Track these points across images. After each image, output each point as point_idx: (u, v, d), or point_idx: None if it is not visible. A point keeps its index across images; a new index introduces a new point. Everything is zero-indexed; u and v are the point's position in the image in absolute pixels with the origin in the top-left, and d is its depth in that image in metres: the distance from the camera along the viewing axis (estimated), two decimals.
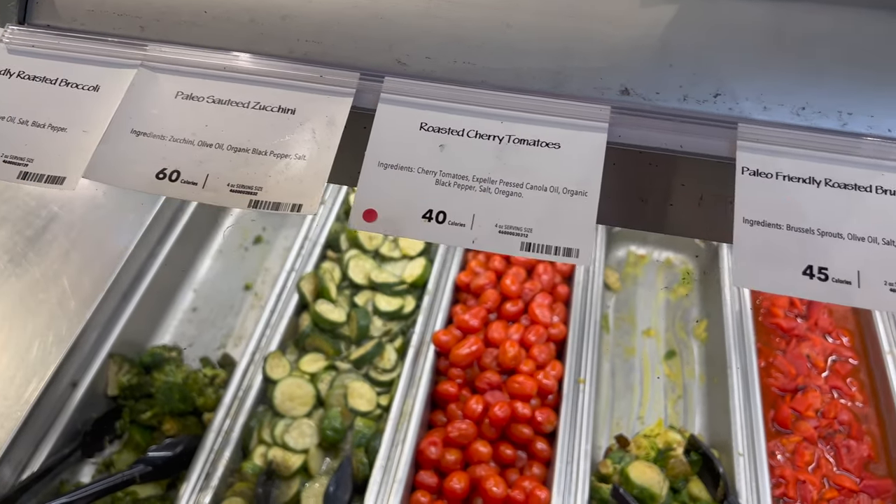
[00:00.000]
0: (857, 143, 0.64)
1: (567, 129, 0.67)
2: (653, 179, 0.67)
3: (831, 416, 1.59)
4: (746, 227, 0.62)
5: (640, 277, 1.97)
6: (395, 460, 1.44)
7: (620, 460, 1.50)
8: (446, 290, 1.74)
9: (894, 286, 0.59)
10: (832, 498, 1.47)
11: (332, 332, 1.68)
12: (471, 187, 0.65)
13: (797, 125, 0.65)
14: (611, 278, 1.94)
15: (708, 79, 0.67)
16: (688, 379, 1.74)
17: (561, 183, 0.64)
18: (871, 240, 0.61)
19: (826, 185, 0.63)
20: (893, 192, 0.63)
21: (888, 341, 1.67)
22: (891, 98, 0.65)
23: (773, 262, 0.60)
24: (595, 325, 1.69)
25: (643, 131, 0.66)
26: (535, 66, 0.68)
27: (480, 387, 1.57)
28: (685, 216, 0.67)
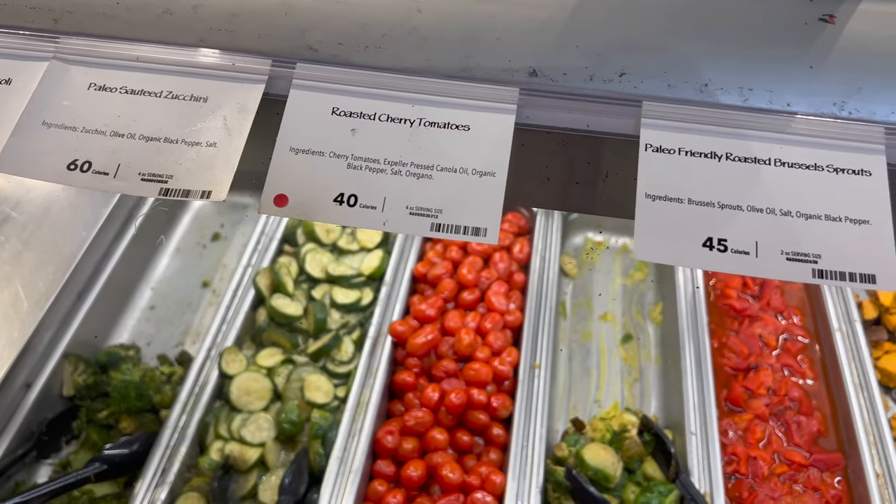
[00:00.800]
0: (758, 117, 0.66)
1: (477, 111, 0.68)
2: (560, 159, 0.68)
3: (782, 393, 1.62)
4: (648, 202, 0.63)
5: (597, 264, 1.99)
6: (352, 450, 1.45)
7: (576, 443, 1.52)
8: (403, 281, 1.75)
9: (790, 255, 0.61)
10: (782, 473, 1.50)
11: (289, 325, 1.68)
12: (382, 170, 0.65)
13: (700, 101, 0.66)
14: (568, 265, 1.96)
15: (613, 59, 0.68)
16: (644, 362, 1.77)
17: (470, 164, 0.65)
18: (770, 211, 0.63)
19: (727, 160, 0.65)
20: (792, 165, 0.64)
21: (837, 319, 1.71)
22: (789, 73, 0.67)
23: (674, 235, 0.62)
24: (551, 312, 1.71)
25: (551, 112, 0.67)
26: (445, 49, 0.69)
27: (437, 375, 1.58)
28: (591, 194, 0.69)
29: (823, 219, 0.62)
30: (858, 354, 1.64)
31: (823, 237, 0.61)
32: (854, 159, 0.64)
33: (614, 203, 0.67)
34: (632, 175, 0.64)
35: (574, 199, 0.69)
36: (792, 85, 0.66)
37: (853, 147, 0.65)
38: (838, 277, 0.60)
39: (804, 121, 0.65)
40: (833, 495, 1.47)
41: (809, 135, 0.65)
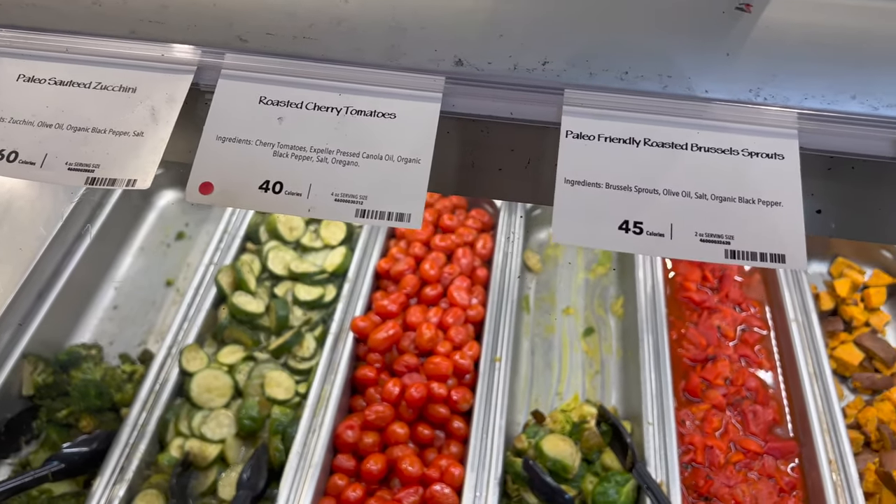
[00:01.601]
0: (676, 104, 0.67)
1: (403, 99, 0.69)
2: (484, 146, 0.69)
3: (739, 383, 1.64)
4: (567, 186, 0.65)
5: (560, 259, 2.01)
6: (312, 445, 1.45)
7: (535, 434, 1.53)
8: (366, 278, 1.76)
9: (704, 236, 0.63)
10: (738, 461, 1.52)
11: (251, 323, 1.68)
12: (308, 158, 0.66)
13: (621, 89, 0.68)
14: (532, 260, 1.97)
15: (536, 48, 0.69)
16: (605, 354, 1.79)
17: (396, 151, 0.66)
18: (685, 194, 0.64)
19: (645, 145, 0.66)
20: (708, 149, 0.66)
21: (793, 310, 1.74)
22: (707, 61, 0.69)
23: (591, 219, 0.63)
24: (512, 306, 1.72)
25: (476, 100, 0.69)
26: (371, 39, 0.70)
27: (398, 370, 1.59)
28: (513, 181, 0.70)
29: (737, 201, 0.64)
30: (814, 344, 1.67)
31: (737, 219, 0.63)
32: (768, 144, 0.66)
33: (537, 189, 0.69)
34: (554, 161, 0.65)
35: (497, 186, 0.70)
36: (709, 72, 0.68)
37: (768, 132, 0.67)
38: (750, 258, 0.62)
39: (721, 107, 0.67)
40: (787, 482, 1.49)
41: (726, 120, 0.67)
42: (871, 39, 0.69)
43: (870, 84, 0.67)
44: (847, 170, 0.67)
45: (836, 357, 1.76)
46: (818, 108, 0.66)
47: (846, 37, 0.69)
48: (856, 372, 1.75)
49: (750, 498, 1.46)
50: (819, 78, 0.67)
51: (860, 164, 0.67)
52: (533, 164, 0.69)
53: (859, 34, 0.69)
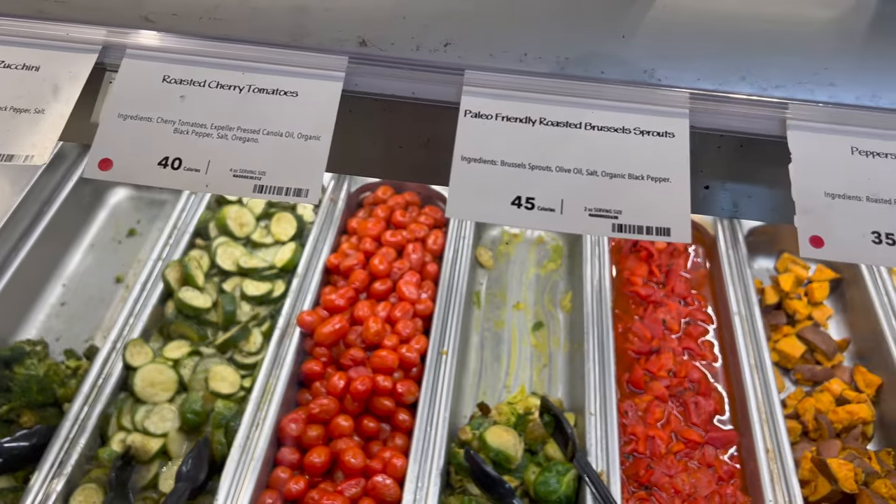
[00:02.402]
0: (573, 84, 0.69)
1: (305, 78, 0.70)
2: (386, 125, 0.70)
3: (682, 375, 1.67)
4: (464, 164, 0.66)
5: (512, 255, 2.03)
6: (255, 439, 1.45)
7: (479, 426, 1.54)
8: (316, 273, 1.76)
9: (593, 211, 0.64)
10: (679, 451, 1.55)
11: (198, 318, 1.68)
12: (208, 135, 0.67)
13: (519, 70, 0.70)
14: (484, 256, 1.99)
15: (439, 30, 0.71)
16: (553, 348, 1.80)
17: (296, 129, 0.68)
18: (577, 171, 0.66)
19: (541, 124, 0.68)
20: (601, 128, 0.68)
21: (736, 303, 1.77)
22: (604, 42, 0.70)
23: (485, 195, 0.65)
24: (461, 300, 1.73)
25: (378, 80, 0.70)
26: (277, 19, 0.71)
27: (345, 363, 1.59)
28: (413, 159, 0.71)
29: (627, 178, 0.66)
30: (755, 337, 1.70)
31: (625, 195, 0.65)
32: (660, 122, 0.68)
33: (435, 168, 0.70)
34: (452, 141, 0.67)
35: (396, 165, 0.72)
36: (605, 53, 0.70)
37: (660, 111, 0.69)
38: (636, 231, 0.64)
39: (615, 87, 0.69)
40: (726, 471, 1.52)
41: (620, 100, 0.69)
42: (761, 22, 0.72)
43: (759, 66, 0.69)
44: (736, 148, 0.69)
45: (779, 349, 1.79)
46: (709, 88, 0.68)
47: (738, 20, 0.72)
48: (797, 364, 1.79)
49: (689, 486, 1.48)
50: (711, 59, 0.70)
51: (748, 142, 0.69)
52: (432, 143, 0.70)
53: (751, 17, 0.72)
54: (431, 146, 0.70)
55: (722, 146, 0.69)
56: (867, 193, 0.65)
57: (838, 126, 0.67)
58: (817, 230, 0.63)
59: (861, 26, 0.71)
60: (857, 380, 1.75)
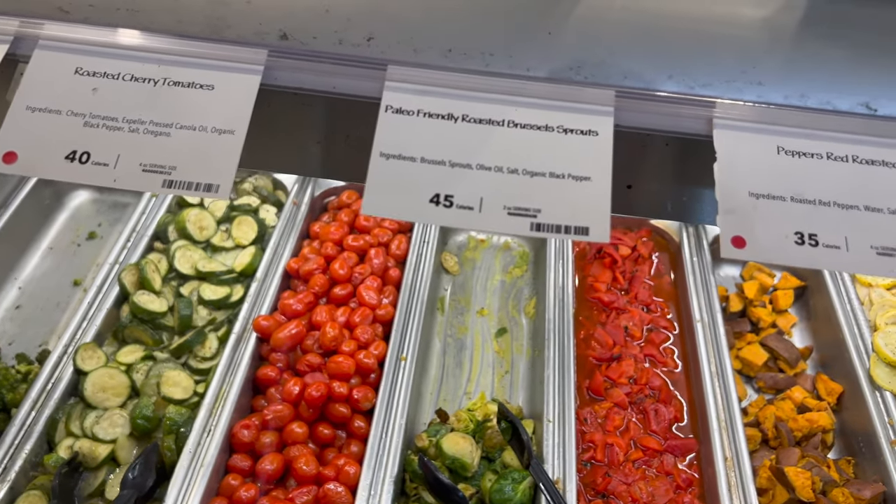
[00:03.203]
0: (498, 81, 0.68)
1: (223, 71, 0.68)
2: (305, 120, 0.69)
3: (643, 382, 1.66)
4: (382, 160, 0.64)
5: (478, 261, 2.01)
6: (205, 445, 1.42)
7: (436, 433, 1.52)
8: (275, 277, 1.74)
9: (512, 210, 0.63)
10: (637, 458, 1.53)
11: (153, 322, 1.65)
12: (119, 128, 0.65)
13: (444, 66, 0.68)
14: (449, 262, 1.97)
15: (363, 24, 0.69)
16: (516, 354, 1.79)
17: (211, 123, 0.66)
18: (497, 169, 0.65)
19: (463, 121, 0.67)
20: (524, 126, 0.66)
21: (699, 310, 1.76)
22: (530, 39, 0.69)
23: (403, 192, 0.63)
24: (422, 306, 1.71)
25: (299, 74, 0.68)
26: (198, 11, 0.70)
27: (301, 369, 1.57)
28: (331, 155, 0.70)
29: (548, 176, 0.64)
30: (717, 344, 1.69)
31: (546, 193, 0.63)
32: (584, 120, 0.67)
33: (353, 165, 0.68)
34: (373, 136, 0.65)
35: (314, 161, 0.70)
36: (532, 50, 0.69)
37: (585, 109, 0.67)
38: (555, 230, 0.62)
39: (541, 85, 0.67)
40: (684, 479, 1.50)
41: (545, 97, 0.67)
42: (691, 21, 0.71)
43: (688, 64, 0.68)
44: (661, 147, 0.68)
45: (742, 357, 1.79)
46: (636, 86, 0.67)
47: (668, 18, 0.71)
48: (760, 372, 1.78)
49: (647, 495, 1.47)
50: (639, 58, 0.68)
51: (674, 141, 0.68)
52: (352, 139, 0.69)
53: (681, 16, 0.71)
54: (351, 142, 0.68)
55: (647, 145, 0.68)
56: (792, 193, 0.64)
57: (765, 125, 0.66)
58: (740, 230, 0.62)
59: (791, 26, 0.70)
60: (819, 388, 1.74)
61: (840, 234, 0.62)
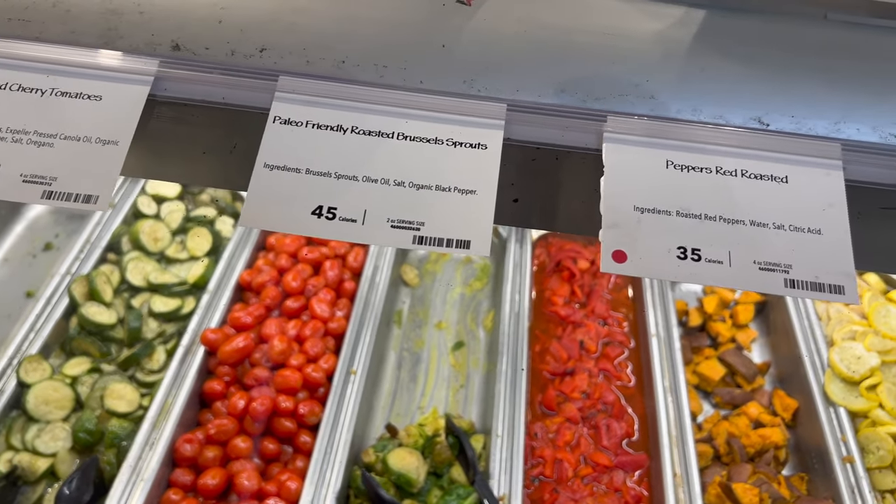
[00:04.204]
0: (388, 93, 0.67)
1: (112, 82, 0.67)
2: (192, 131, 0.68)
3: (596, 396, 1.65)
4: (266, 171, 0.64)
5: (439, 273, 2.00)
6: (147, 459, 1.40)
7: (384, 448, 1.51)
8: (227, 289, 1.73)
9: (396, 223, 0.62)
10: (587, 474, 1.52)
11: (101, 334, 1.63)
12: (2, 139, 0.64)
13: (336, 77, 0.68)
14: (409, 274, 1.96)
15: (255, 34, 0.69)
16: (472, 368, 1.78)
17: (95, 133, 0.65)
18: (384, 181, 0.64)
19: (352, 133, 0.66)
20: (413, 138, 0.66)
21: (655, 324, 1.75)
22: (423, 52, 0.69)
23: (285, 203, 0.62)
24: (376, 318, 1.70)
25: (189, 85, 0.68)
26: (90, 21, 0.69)
27: (248, 383, 1.55)
28: (217, 166, 0.69)
29: (434, 189, 0.64)
30: (672, 359, 1.68)
31: (430, 206, 0.63)
32: (474, 134, 0.66)
33: (238, 175, 0.67)
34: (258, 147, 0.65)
35: (199, 171, 0.69)
36: (425, 63, 0.68)
37: (475, 122, 0.67)
38: (437, 243, 0.61)
39: (432, 97, 0.67)
40: (633, 496, 1.49)
41: (436, 110, 0.67)
42: (586, 34, 0.70)
43: (581, 77, 0.68)
44: (551, 161, 0.67)
45: (699, 372, 1.78)
46: (528, 100, 0.67)
47: (563, 31, 0.70)
48: (717, 387, 1.77)
49: None
50: (533, 70, 0.68)
51: (564, 155, 0.67)
52: (239, 149, 0.68)
53: (576, 29, 0.70)
54: (237, 153, 0.68)
55: (537, 159, 0.67)
56: (678, 208, 0.63)
57: (656, 139, 0.66)
58: (622, 245, 0.61)
59: (686, 40, 0.70)
60: (776, 403, 1.73)
61: (724, 249, 0.61)
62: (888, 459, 1.54)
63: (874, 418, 1.61)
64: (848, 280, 0.60)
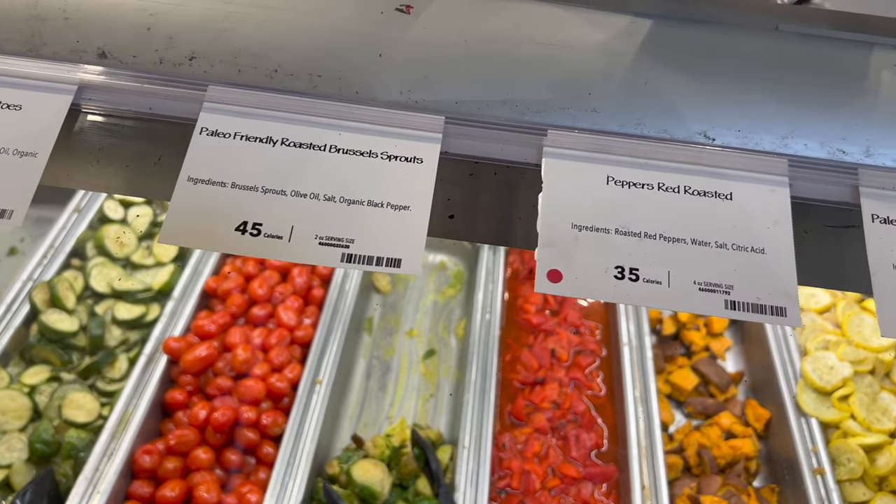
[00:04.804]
0: (324, 104, 0.65)
1: (32, 90, 0.65)
2: (118, 141, 0.65)
3: (566, 406, 1.63)
4: (189, 185, 0.61)
5: (412, 280, 1.98)
6: (104, 470, 1.37)
7: (348, 460, 1.48)
8: (193, 296, 1.70)
9: (324, 240, 0.60)
10: (554, 486, 1.50)
11: (62, 342, 1.60)
12: None
13: (267, 87, 0.65)
14: (381, 281, 1.94)
15: (185, 44, 0.66)
16: (442, 377, 1.75)
17: (13, 144, 0.62)
18: (313, 196, 0.62)
19: (282, 145, 0.64)
20: (346, 151, 0.64)
21: (627, 333, 1.73)
22: (360, 61, 0.66)
23: (209, 220, 0.60)
24: (345, 326, 1.68)
25: (115, 95, 0.65)
26: (12, 28, 0.66)
27: (211, 393, 1.52)
28: (142, 178, 0.66)
29: (366, 204, 0.61)
30: (643, 368, 1.66)
31: (361, 223, 0.60)
32: (410, 147, 0.64)
33: (164, 187, 0.65)
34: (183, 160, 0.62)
35: (121, 183, 0.67)
36: (362, 73, 0.66)
37: (412, 135, 0.64)
38: (366, 262, 0.59)
39: (367, 109, 0.64)
40: None
41: (372, 122, 0.65)
42: (529, 45, 0.68)
43: (522, 90, 0.65)
44: (490, 176, 0.65)
45: (672, 381, 1.76)
46: (467, 112, 0.64)
47: (505, 42, 0.68)
48: (690, 396, 1.75)
49: None
50: (473, 82, 0.66)
51: (503, 170, 0.65)
52: (164, 161, 0.65)
53: (518, 40, 0.68)
54: (162, 165, 0.65)
55: (475, 173, 0.65)
56: (617, 226, 0.61)
57: (597, 154, 0.64)
58: (557, 264, 0.59)
59: (631, 52, 0.68)
60: (748, 414, 1.72)
61: (663, 269, 0.59)
62: (859, 471, 1.53)
63: (846, 429, 1.60)
64: (790, 302, 0.58)
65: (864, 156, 0.64)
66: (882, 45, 0.70)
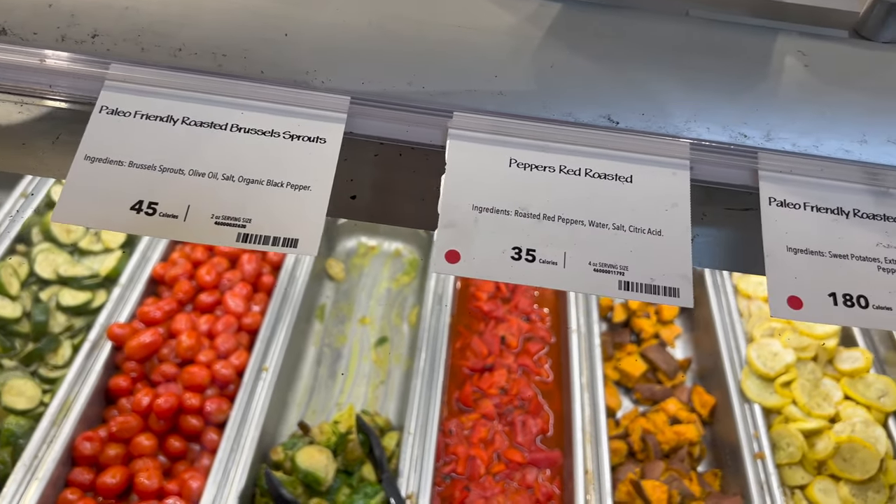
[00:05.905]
0: (224, 83, 0.64)
1: None
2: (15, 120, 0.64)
3: (514, 392, 1.64)
4: (86, 164, 0.60)
5: (366, 268, 1.98)
6: (42, 457, 1.36)
7: (293, 446, 1.48)
8: (140, 283, 1.68)
9: (220, 219, 0.59)
10: (499, 471, 1.51)
11: (4, 329, 1.57)
12: None
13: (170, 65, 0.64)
14: (335, 269, 1.93)
15: (87, 20, 0.65)
16: (394, 364, 1.76)
17: None
18: (212, 175, 0.61)
19: (183, 123, 0.63)
20: (247, 130, 0.63)
21: (576, 320, 1.75)
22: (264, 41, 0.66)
23: (104, 199, 0.59)
24: (293, 313, 1.67)
25: (15, 72, 0.64)
26: None
27: (155, 379, 1.51)
28: (35, 158, 0.65)
29: (265, 184, 0.61)
30: (591, 354, 1.68)
31: (260, 202, 0.60)
32: (314, 127, 0.64)
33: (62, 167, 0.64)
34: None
35: (18, 163, 0.66)
36: (267, 52, 0.65)
37: (316, 115, 0.64)
38: (262, 241, 0.59)
39: (271, 88, 0.64)
40: (544, 493, 1.49)
41: (275, 102, 0.64)
42: (437, 28, 0.68)
43: (428, 71, 0.65)
44: (394, 157, 0.65)
45: (621, 368, 1.78)
46: (373, 92, 0.64)
47: (412, 23, 0.68)
48: (638, 383, 1.77)
49: None
50: (379, 63, 0.66)
51: (408, 151, 0.65)
52: (62, 141, 0.64)
53: (428, 22, 0.68)
54: (60, 144, 0.64)
55: (380, 154, 0.65)
56: (517, 207, 0.61)
57: (501, 137, 0.64)
58: (456, 245, 0.59)
59: (539, 35, 0.68)
60: (694, 400, 1.74)
61: (559, 250, 0.60)
62: (798, 456, 1.56)
63: (787, 415, 1.63)
64: (683, 282, 0.59)
65: (765, 140, 0.65)
66: (787, 31, 0.71)
